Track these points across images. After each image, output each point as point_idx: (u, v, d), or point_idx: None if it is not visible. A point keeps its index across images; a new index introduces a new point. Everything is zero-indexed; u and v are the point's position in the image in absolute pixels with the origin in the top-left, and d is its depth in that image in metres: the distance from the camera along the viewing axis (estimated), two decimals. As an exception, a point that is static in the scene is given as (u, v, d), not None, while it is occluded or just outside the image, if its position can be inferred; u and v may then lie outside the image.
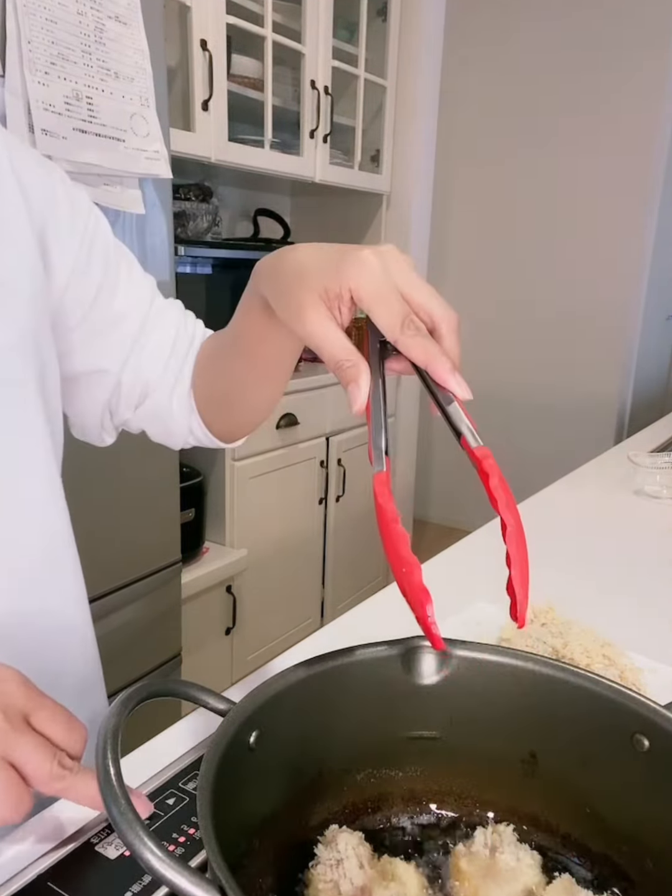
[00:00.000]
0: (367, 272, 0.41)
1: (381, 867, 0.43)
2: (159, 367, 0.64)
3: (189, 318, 0.67)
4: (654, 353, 3.45)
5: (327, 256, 0.43)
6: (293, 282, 0.44)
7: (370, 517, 2.68)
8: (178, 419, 0.66)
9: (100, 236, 0.62)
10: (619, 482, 1.31)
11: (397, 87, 2.47)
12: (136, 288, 0.64)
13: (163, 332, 0.64)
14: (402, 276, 0.42)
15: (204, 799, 0.35)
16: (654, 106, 2.80)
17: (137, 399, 0.65)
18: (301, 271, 0.44)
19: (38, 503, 0.58)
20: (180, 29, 1.72)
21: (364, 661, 0.47)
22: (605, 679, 0.45)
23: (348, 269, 0.41)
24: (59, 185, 0.59)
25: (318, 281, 0.42)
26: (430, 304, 0.42)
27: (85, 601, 0.64)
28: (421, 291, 0.42)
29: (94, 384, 0.64)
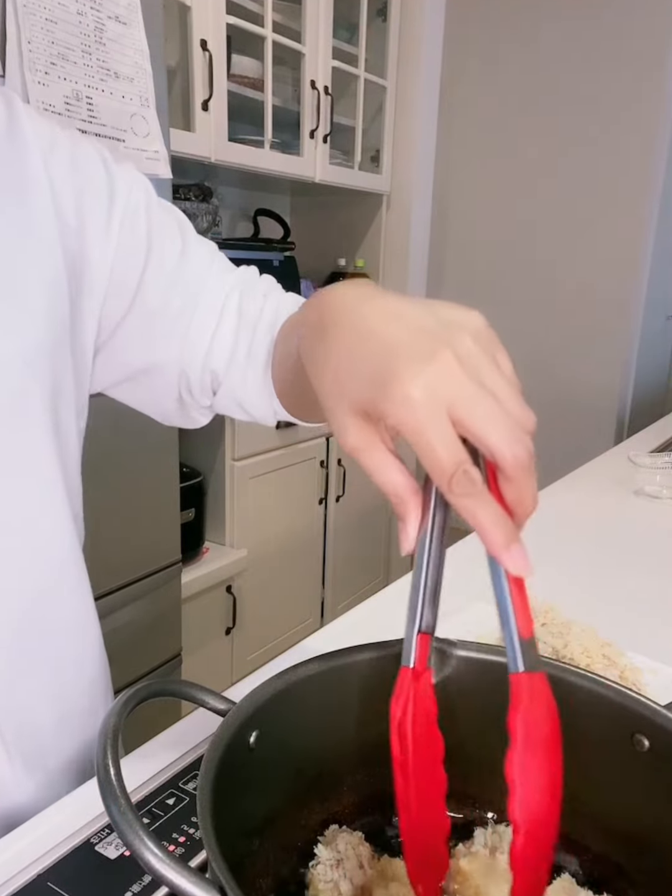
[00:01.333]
0: (407, 408, 0.32)
1: (381, 867, 0.43)
2: (224, 355, 0.59)
3: (257, 293, 0.61)
4: (654, 353, 3.45)
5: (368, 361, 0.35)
6: (331, 383, 0.37)
7: (370, 517, 2.69)
8: (257, 404, 0.61)
9: (141, 218, 0.57)
10: (619, 482, 1.31)
11: (397, 87, 2.47)
12: (188, 268, 0.59)
13: (222, 315, 0.59)
14: (459, 400, 0.33)
15: (204, 799, 0.35)
16: (655, 106, 2.79)
17: (211, 385, 0.61)
18: (337, 376, 0.36)
19: (36, 512, 0.56)
20: (180, 29, 1.72)
21: (364, 661, 0.47)
22: (605, 679, 0.45)
23: (386, 399, 0.33)
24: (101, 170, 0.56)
25: (357, 396, 0.35)
26: (489, 439, 0.33)
27: (94, 616, 0.63)
28: (479, 420, 0.33)
29: (153, 379, 0.61)
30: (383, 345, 0.35)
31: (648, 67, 2.77)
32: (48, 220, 0.52)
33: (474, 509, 0.32)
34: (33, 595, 0.56)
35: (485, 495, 0.33)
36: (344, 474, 2.34)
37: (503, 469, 0.33)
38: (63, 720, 0.60)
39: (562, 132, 2.96)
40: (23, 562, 0.55)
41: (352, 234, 2.64)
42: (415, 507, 0.35)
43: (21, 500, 0.54)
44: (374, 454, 0.35)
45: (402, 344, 0.34)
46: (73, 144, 0.56)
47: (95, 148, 0.57)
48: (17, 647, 0.55)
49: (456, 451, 0.32)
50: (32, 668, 0.57)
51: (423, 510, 0.35)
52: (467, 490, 0.32)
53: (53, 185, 0.53)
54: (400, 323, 0.36)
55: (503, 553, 0.33)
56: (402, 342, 0.34)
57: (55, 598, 0.58)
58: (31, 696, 0.57)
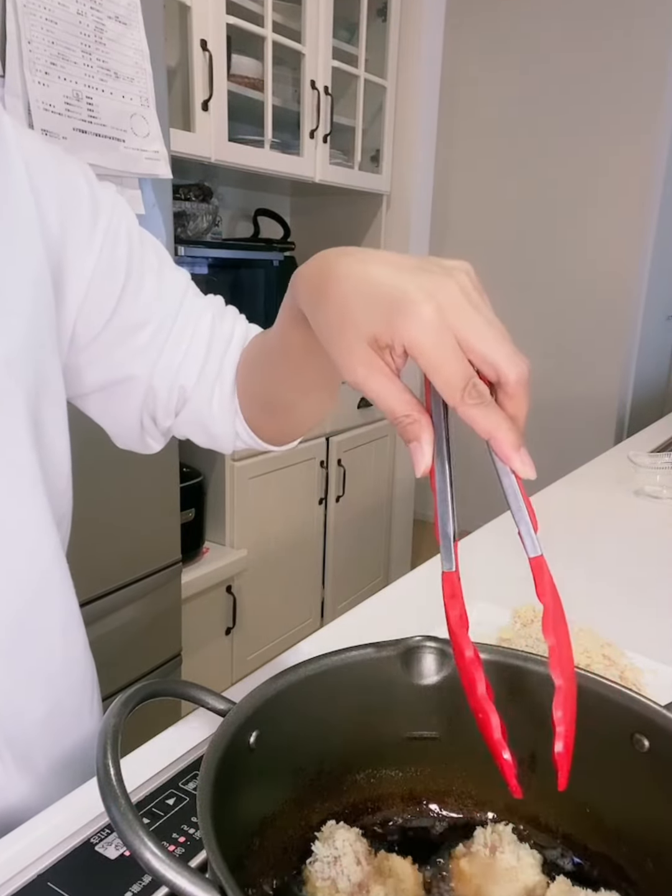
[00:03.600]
0: (421, 327, 0.35)
1: (379, 863, 0.43)
2: (194, 372, 0.61)
3: (227, 317, 0.63)
4: (654, 353, 3.45)
5: (380, 290, 0.37)
6: (338, 319, 0.39)
7: (370, 517, 2.69)
8: (220, 424, 0.63)
9: (122, 237, 0.59)
10: (619, 482, 1.31)
11: (397, 87, 2.47)
12: (165, 289, 0.61)
13: (195, 333, 0.61)
14: (465, 323, 0.36)
15: (204, 799, 0.35)
16: (655, 106, 2.80)
17: (176, 405, 0.62)
18: (348, 308, 0.38)
19: (22, 517, 0.56)
20: (180, 29, 1.72)
21: (364, 660, 0.47)
22: (605, 679, 0.45)
23: (401, 319, 0.36)
24: (84, 186, 0.57)
25: (365, 326, 0.37)
26: (495, 357, 0.36)
27: (78, 618, 0.63)
28: (484, 342, 0.36)
29: (124, 392, 0.62)
30: (390, 280, 0.37)
31: (649, 68, 2.77)
32: (31, 226, 0.53)
33: (485, 416, 0.36)
34: (21, 598, 0.56)
35: (493, 405, 0.36)
36: (344, 474, 2.34)
37: (506, 385, 0.37)
38: (50, 721, 0.60)
39: (562, 132, 2.96)
40: (8, 566, 0.55)
41: (352, 234, 2.64)
42: (427, 425, 0.37)
43: (5, 505, 0.54)
44: (382, 379, 0.37)
45: (407, 278, 0.37)
46: (57, 159, 0.57)
47: (78, 165, 0.58)
48: (7, 650, 0.55)
49: (466, 366, 0.36)
50: (22, 669, 0.57)
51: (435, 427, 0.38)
52: (477, 400, 0.36)
53: (37, 193, 0.53)
54: (401, 265, 0.38)
55: (514, 455, 0.36)
56: (407, 278, 0.37)
57: (42, 601, 0.58)
58: (21, 698, 0.57)
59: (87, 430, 0.66)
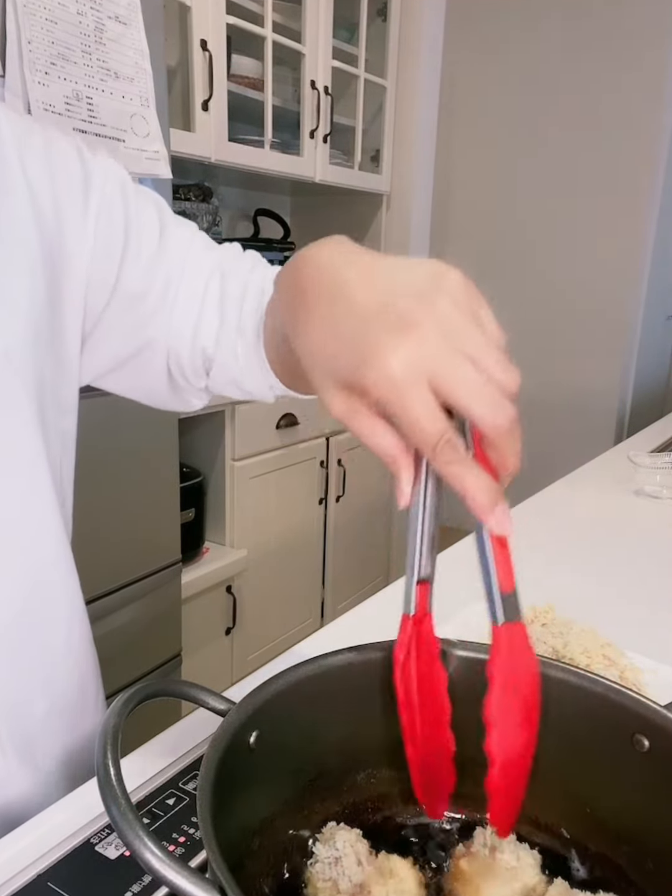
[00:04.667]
0: (388, 384, 0.33)
1: (379, 864, 0.43)
2: (212, 331, 0.58)
3: (241, 267, 0.60)
4: (654, 353, 3.45)
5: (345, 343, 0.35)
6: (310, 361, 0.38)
7: (370, 517, 2.69)
8: (251, 380, 0.60)
9: (117, 204, 0.57)
10: (619, 482, 1.31)
11: (397, 87, 2.47)
12: (167, 248, 0.59)
13: (206, 291, 0.58)
14: (440, 368, 0.33)
15: (204, 799, 0.35)
16: (654, 106, 2.79)
17: (204, 365, 0.60)
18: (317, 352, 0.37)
19: (26, 508, 0.56)
20: (180, 29, 1.72)
21: (364, 660, 0.47)
22: (605, 679, 0.45)
23: (368, 377, 0.34)
24: (76, 163, 0.56)
25: (338, 374, 0.36)
26: (470, 408, 0.33)
27: (83, 612, 0.63)
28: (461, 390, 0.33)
29: (144, 362, 0.60)
30: (359, 317, 0.35)
31: (649, 68, 2.77)
32: (25, 217, 0.52)
33: (459, 475, 0.34)
34: (26, 589, 0.56)
35: (467, 462, 0.34)
36: (344, 474, 2.34)
37: (486, 435, 0.34)
38: (54, 715, 0.60)
39: (562, 132, 2.96)
40: (13, 557, 0.55)
41: (352, 234, 2.58)
42: (406, 464, 0.36)
43: (7, 496, 0.54)
44: (361, 420, 0.36)
45: (377, 315, 0.34)
46: (48, 140, 0.55)
47: (70, 141, 0.57)
48: (9, 640, 0.55)
49: (437, 422, 0.33)
50: (25, 661, 0.57)
51: (416, 465, 0.36)
52: (451, 458, 0.34)
53: (30, 181, 0.53)
54: (375, 289, 0.36)
55: (487, 515, 0.34)
56: (378, 312, 0.35)
57: (46, 592, 0.58)
58: (24, 690, 0.57)
59: (87, 430, 0.66)
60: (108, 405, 0.67)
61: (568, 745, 0.46)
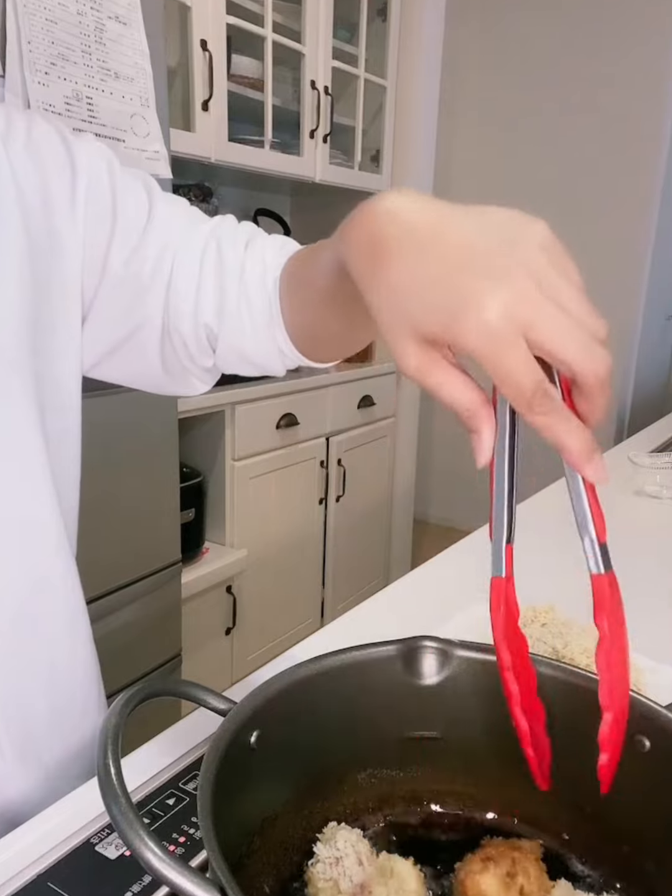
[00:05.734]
0: (482, 336, 0.32)
1: (380, 864, 0.43)
2: (212, 307, 0.56)
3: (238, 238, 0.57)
4: (654, 353, 3.45)
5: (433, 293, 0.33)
6: (389, 312, 0.35)
7: (370, 517, 2.68)
8: (260, 354, 0.58)
9: (105, 185, 0.56)
10: (619, 482, 1.31)
11: (397, 87, 2.47)
12: (158, 225, 0.57)
13: (203, 266, 0.56)
14: (535, 320, 0.32)
15: (204, 799, 0.35)
16: (654, 106, 2.80)
17: (209, 342, 0.58)
18: (399, 302, 0.35)
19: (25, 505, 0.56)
20: (180, 29, 1.72)
21: (364, 661, 0.47)
22: (606, 679, 0.45)
23: (459, 328, 0.32)
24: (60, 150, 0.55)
25: (422, 326, 0.34)
26: (566, 356, 0.33)
27: (83, 610, 0.63)
28: (557, 339, 0.32)
29: (137, 346, 0.59)
30: (449, 264, 0.33)
31: (649, 70, 2.77)
32: (10, 208, 0.52)
33: (556, 425, 0.33)
34: (27, 587, 0.56)
35: (564, 411, 0.33)
36: (344, 474, 2.34)
37: (582, 385, 0.33)
38: (55, 714, 0.60)
39: (563, 132, 2.96)
40: (14, 554, 0.55)
41: (352, 234, 2.63)
42: (488, 417, 0.34)
43: (8, 492, 0.54)
44: (438, 374, 0.34)
45: (469, 263, 0.33)
46: (30, 124, 0.55)
47: (52, 125, 0.56)
48: (10, 639, 0.55)
49: (535, 372, 0.32)
50: (26, 660, 0.57)
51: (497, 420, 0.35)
52: (548, 408, 0.32)
53: (14, 170, 0.52)
54: (464, 237, 0.34)
55: (586, 464, 0.34)
56: (470, 260, 0.33)
57: (47, 590, 0.58)
58: (24, 688, 0.57)
59: (87, 430, 0.66)
60: (108, 405, 0.67)
61: (568, 745, 0.46)
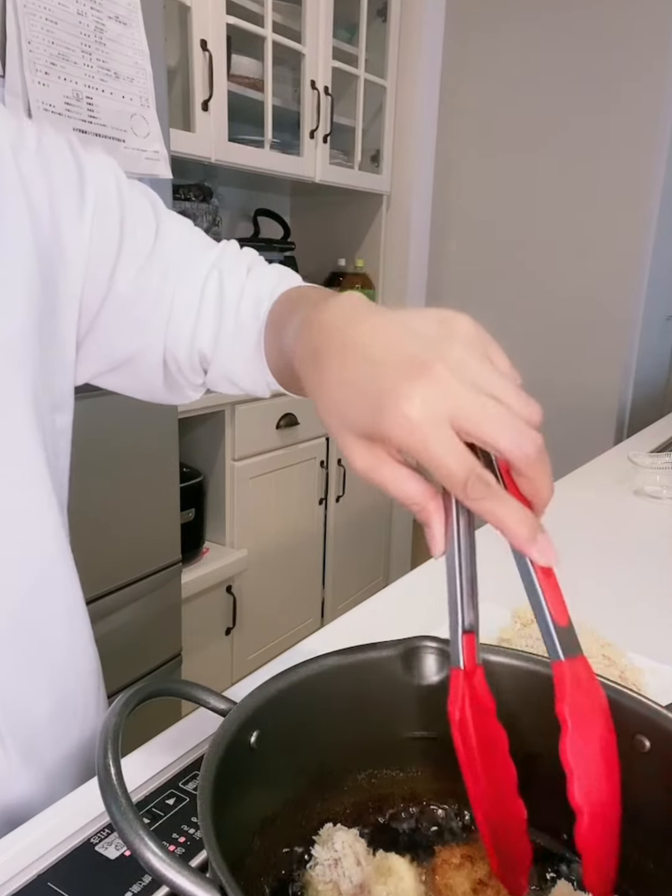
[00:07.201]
0: (408, 429, 0.33)
1: (378, 863, 0.43)
2: (209, 334, 0.58)
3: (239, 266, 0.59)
4: (654, 353, 3.45)
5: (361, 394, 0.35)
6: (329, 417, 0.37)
7: (370, 517, 2.68)
8: (248, 380, 0.60)
9: (113, 201, 0.57)
10: (619, 482, 1.31)
11: (397, 87, 2.47)
12: (164, 248, 0.59)
13: (204, 292, 0.58)
14: (459, 409, 0.33)
15: (204, 799, 0.35)
16: (655, 108, 2.80)
17: (201, 365, 0.61)
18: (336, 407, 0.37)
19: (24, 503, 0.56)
20: (180, 29, 1.72)
21: (364, 661, 0.47)
22: (606, 679, 0.45)
23: (387, 424, 0.33)
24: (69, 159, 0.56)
25: (356, 426, 0.35)
26: (496, 442, 0.33)
27: (83, 609, 0.63)
28: (483, 426, 0.33)
29: (140, 366, 0.61)
30: (372, 366, 0.35)
31: (649, 68, 2.77)
32: (19, 212, 0.52)
33: (493, 510, 0.33)
34: (26, 587, 0.56)
35: (501, 495, 0.33)
36: (344, 474, 2.34)
37: (515, 466, 0.34)
38: (57, 713, 0.60)
39: (563, 132, 2.96)
40: (14, 554, 0.55)
41: (352, 234, 2.64)
42: (436, 510, 0.35)
43: (7, 490, 0.54)
44: (384, 471, 0.35)
45: (390, 364, 0.34)
46: (40, 134, 0.55)
47: (62, 136, 0.57)
48: (11, 639, 0.55)
49: (464, 459, 0.33)
50: (26, 661, 0.57)
51: (447, 510, 0.36)
52: (483, 494, 0.33)
53: (23, 177, 0.53)
54: (387, 342, 0.36)
55: (530, 547, 0.33)
56: (391, 362, 0.34)
57: (46, 589, 0.58)
58: (25, 688, 0.57)
59: (87, 430, 0.66)
60: (108, 405, 0.67)
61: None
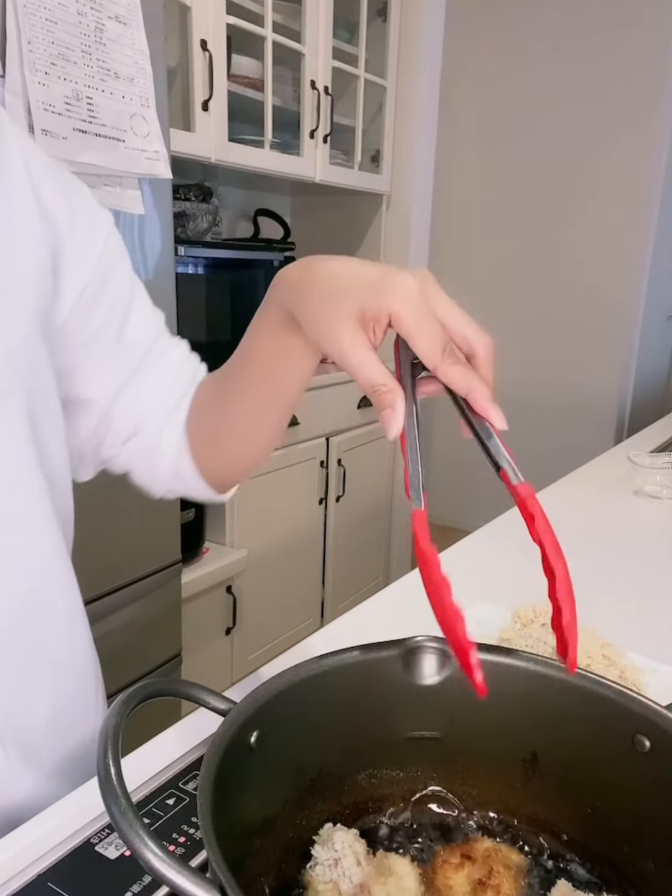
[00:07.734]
0: (408, 297, 0.41)
1: (378, 863, 0.43)
2: (154, 403, 0.63)
3: (193, 359, 0.66)
4: (654, 352, 3.45)
5: (365, 274, 0.43)
6: (327, 298, 0.44)
7: (370, 517, 2.68)
8: (166, 458, 0.64)
9: (118, 267, 0.61)
10: (619, 482, 1.31)
11: (397, 87, 2.47)
12: (144, 323, 0.63)
13: (163, 369, 0.63)
14: (440, 302, 0.42)
15: (204, 799, 0.35)
16: (655, 108, 2.80)
17: (127, 433, 0.63)
18: (337, 288, 0.43)
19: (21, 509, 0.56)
20: (180, 29, 1.72)
21: (364, 661, 0.47)
22: (606, 679, 0.45)
23: (390, 291, 0.41)
24: (79, 201, 0.58)
25: (355, 301, 0.42)
26: (466, 331, 0.42)
27: (82, 611, 0.63)
28: (458, 318, 0.42)
29: (81, 411, 0.62)
30: (373, 268, 0.43)
31: (649, 68, 2.77)
32: (31, 217, 0.53)
33: (463, 376, 0.41)
34: (25, 591, 0.56)
35: (469, 365, 0.42)
36: (344, 474, 2.34)
37: (477, 353, 0.43)
38: (56, 715, 0.60)
39: (563, 132, 2.96)
40: (12, 556, 0.55)
41: (352, 234, 2.64)
42: (401, 393, 0.41)
43: (6, 494, 0.54)
44: (363, 350, 0.42)
45: (386, 268, 0.43)
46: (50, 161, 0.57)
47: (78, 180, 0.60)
48: (10, 641, 0.55)
49: (444, 332, 0.42)
50: (26, 662, 0.57)
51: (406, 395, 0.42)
52: (455, 360, 0.41)
53: (36, 187, 0.54)
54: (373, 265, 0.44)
55: (489, 408, 0.41)
56: (386, 268, 0.43)
57: (44, 594, 0.58)
58: (25, 690, 0.57)
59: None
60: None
61: (568, 745, 0.46)
